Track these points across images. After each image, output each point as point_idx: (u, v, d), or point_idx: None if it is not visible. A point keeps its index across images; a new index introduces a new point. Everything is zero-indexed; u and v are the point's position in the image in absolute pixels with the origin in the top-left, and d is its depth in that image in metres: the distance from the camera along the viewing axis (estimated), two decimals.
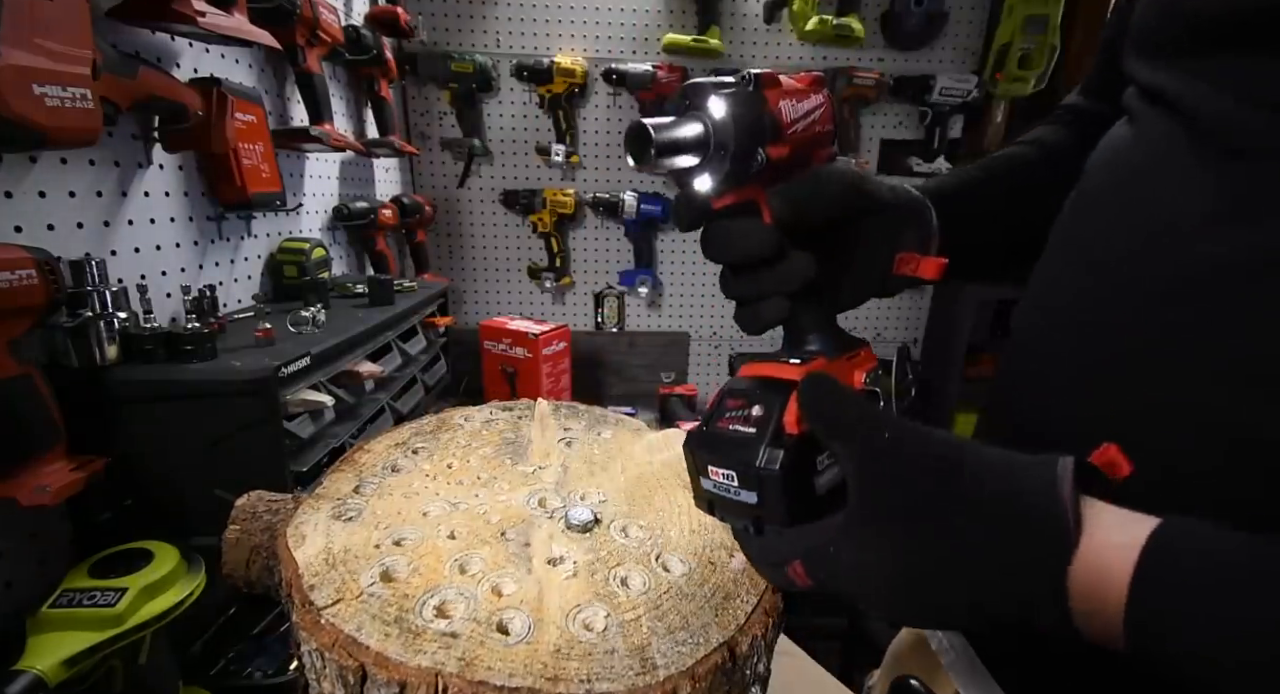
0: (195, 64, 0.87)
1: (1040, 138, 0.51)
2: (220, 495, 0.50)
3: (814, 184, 0.35)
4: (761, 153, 0.32)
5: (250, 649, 0.71)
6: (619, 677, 0.29)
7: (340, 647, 0.30)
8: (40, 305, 0.54)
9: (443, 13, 1.67)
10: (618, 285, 1.93)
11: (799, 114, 0.34)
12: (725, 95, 0.31)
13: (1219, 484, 0.29)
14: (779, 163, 0.33)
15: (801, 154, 0.34)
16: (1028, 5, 1.67)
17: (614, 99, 1.76)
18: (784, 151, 0.33)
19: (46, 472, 0.55)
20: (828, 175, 0.36)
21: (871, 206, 0.39)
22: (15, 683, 0.46)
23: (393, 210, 1.44)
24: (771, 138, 0.32)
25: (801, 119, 0.34)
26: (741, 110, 0.31)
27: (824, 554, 0.30)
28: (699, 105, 0.32)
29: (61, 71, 0.54)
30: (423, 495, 0.43)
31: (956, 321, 1.87)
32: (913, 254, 0.40)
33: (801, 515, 0.31)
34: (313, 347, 0.75)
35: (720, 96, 0.31)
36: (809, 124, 0.34)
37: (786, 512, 0.31)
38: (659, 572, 0.37)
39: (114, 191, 0.74)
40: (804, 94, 0.34)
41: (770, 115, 0.32)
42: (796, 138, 0.34)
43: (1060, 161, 0.46)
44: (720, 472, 0.33)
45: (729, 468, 0.32)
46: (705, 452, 0.33)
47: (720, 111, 0.31)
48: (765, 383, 0.35)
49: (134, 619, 0.53)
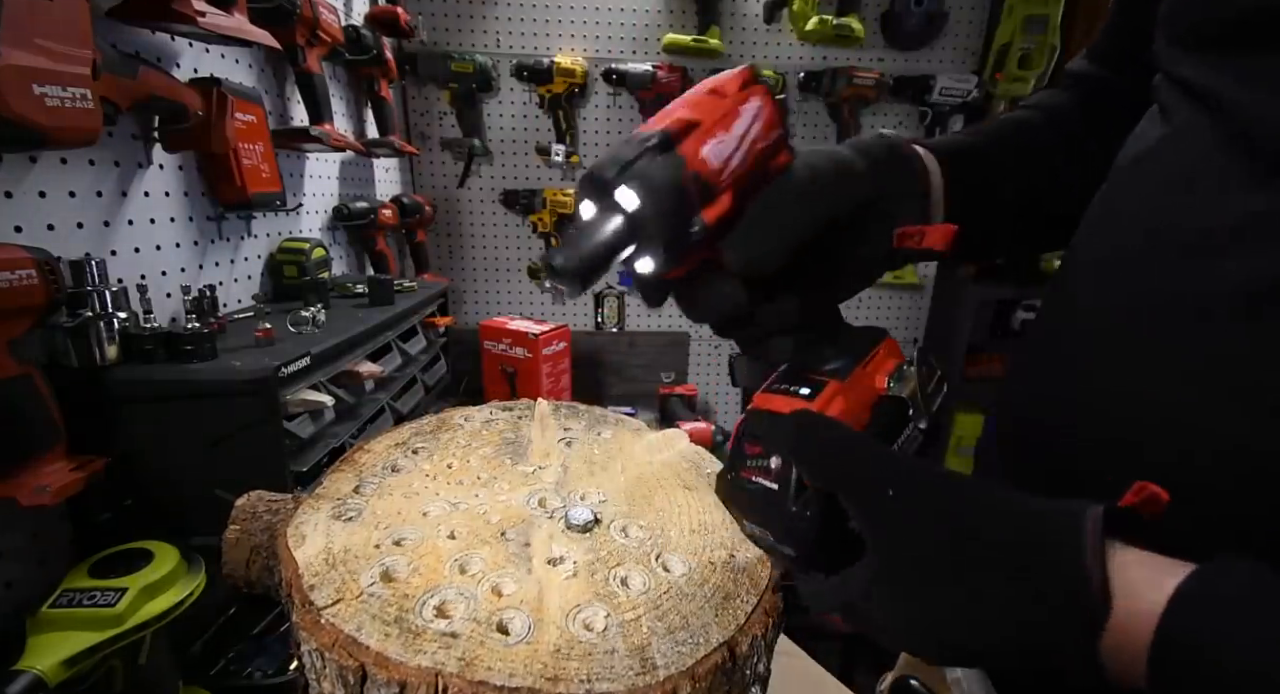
0: (195, 64, 0.87)
1: (1041, 102, 0.47)
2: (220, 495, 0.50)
3: (766, 221, 0.30)
4: (697, 221, 0.28)
5: (250, 649, 0.71)
6: (619, 677, 0.29)
7: (340, 647, 0.30)
8: (40, 305, 0.54)
9: (443, 13, 1.67)
10: (618, 285, 1.92)
11: (730, 148, 0.28)
12: (632, 179, 0.27)
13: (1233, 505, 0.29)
14: (724, 218, 0.29)
15: (751, 188, 0.30)
16: (1028, 5, 1.67)
17: (614, 99, 1.76)
18: (724, 206, 0.29)
19: (46, 472, 0.55)
20: (781, 200, 0.31)
21: (848, 199, 0.34)
22: (15, 683, 0.46)
23: (393, 210, 1.44)
24: (703, 200, 0.28)
25: (736, 151, 0.29)
26: (655, 189, 0.27)
27: (854, 607, 0.29)
28: (608, 198, 0.27)
29: (61, 71, 0.54)
30: (423, 495, 0.43)
31: (956, 322, 1.87)
32: (913, 226, 0.35)
33: (842, 560, 0.30)
34: (313, 346, 0.75)
35: (627, 182, 0.27)
36: (748, 150, 0.29)
37: (826, 564, 0.31)
38: (659, 572, 0.36)
39: (114, 191, 0.74)
40: (730, 115, 0.29)
41: (694, 175, 0.27)
42: (736, 178, 0.29)
43: (1063, 124, 0.44)
44: (754, 526, 0.33)
45: (762, 526, 0.32)
46: (736, 507, 0.34)
47: (631, 202, 0.27)
48: (777, 422, 0.33)
49: (134, 619, 0.53)
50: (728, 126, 0.28)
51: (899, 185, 0.36)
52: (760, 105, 0.29)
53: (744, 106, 0.29)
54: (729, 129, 0.28)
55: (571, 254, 0.27)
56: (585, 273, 0.27)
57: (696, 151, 0.27)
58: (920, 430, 0.34)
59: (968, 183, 0.39)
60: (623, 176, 0.27)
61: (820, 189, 0.32)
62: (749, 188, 0.30)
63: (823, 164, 0.33)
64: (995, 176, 0.42)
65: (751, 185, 0.30)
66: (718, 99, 0.29)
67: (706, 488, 0.45)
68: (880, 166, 0.35)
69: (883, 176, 0.35)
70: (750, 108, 0.29)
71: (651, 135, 0.27)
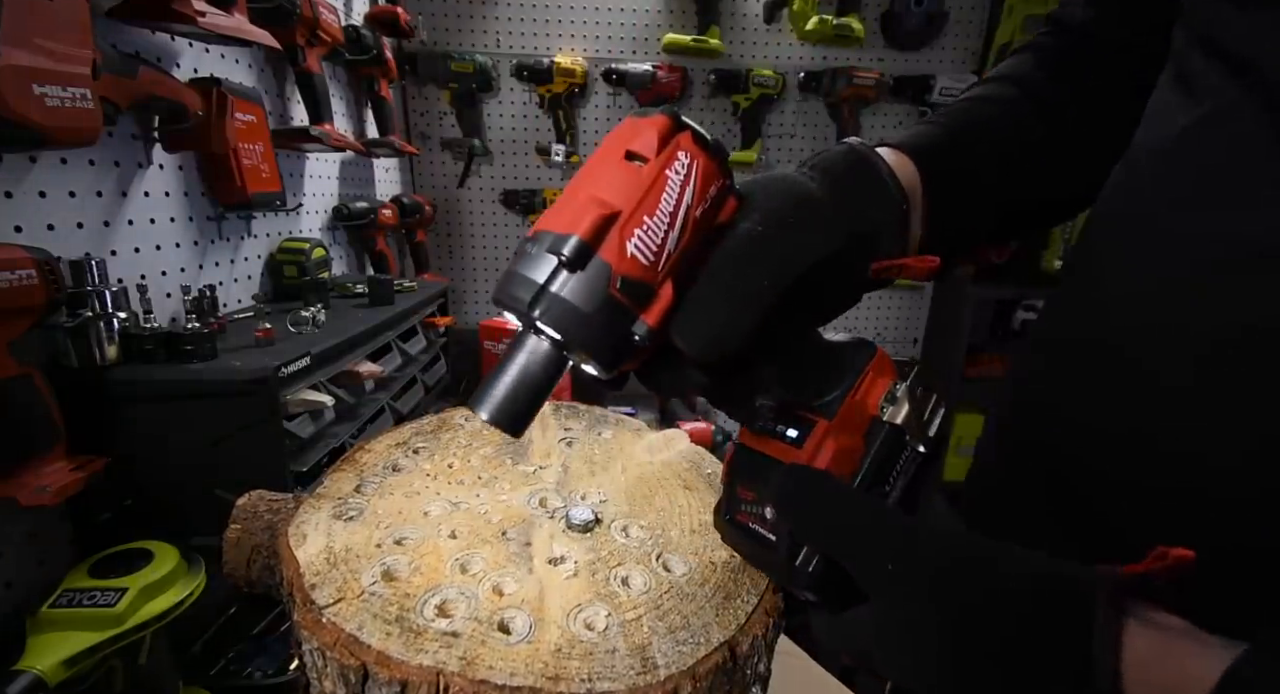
0: (195, 64, 0.87)
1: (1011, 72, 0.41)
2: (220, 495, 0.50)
3: (712, 302, 0.25)
4: (639, 328, 0.24)
5: (250, 649, 0.71)
6: (620, 676, 0.29)
7: (341, 646, 0.30)
8: (40, 305, 0.54)
9: (443, 13, 1.67)
10: None
11: (661, 232, 0.24)
12: (548, 314, 0.23)
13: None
14: (669, 310, 0.25)
15: (698, 259, 0.26)
16: (1028, 5, 1.67)
17: (614, 99, 1.76)
18: (666, 300, 0.24)
19: (47, 471, 0.55)
20: (730, 273, 0.25)
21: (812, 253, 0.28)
22: (15, 683, 0.46)
23: (393, 210, 1.44)
24: (640, 304, 0.24)
25: (669, 232, 0.24)
26: (580, 316, 0.23)
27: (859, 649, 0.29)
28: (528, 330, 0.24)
29: (61, 71, 0.54)
30: (424, 495, 0.43)
31: (956, 321, 1.87)
32: (891, 261, 0.31)
33: (850, 602, 0.29)
34: (313, 346, 0.75)
35: (543, 320, 0.23)
36: (683, 224, 0.24)
37: (834, 609, 0.30)
38: (660, 571, 0.36)
39: (114, 191, 0.74)
40: (655, 188, 0.23)
41: (623, 281, 0.23)
42: (674, 266, 0.24)
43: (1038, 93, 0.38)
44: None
45: (763, 571, 0.33)
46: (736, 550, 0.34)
47: (556, 333, 0.24)
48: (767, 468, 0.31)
49: (134, 619, 0.53)
50: (653, 206, 0.23)
51: (874, 214, 0.31)
52: (688, 161, 0.24)
53: (670, 170, 0.24)
54: (655, 208, 0.23)
55: (499, 402, 0.24)
56: (519, 418, 0.24)
57: (621, 251, 0.23)
58: (919, 453, 0.32)
59: (947, 186, 0.34)
60: (537, 310, 0.23)
61: (776, 249, 0.26)
62: (696, 260, 0.25)
63: (777, 209, 0.27)
64: (973, 172, 0.37)
65: (699, 256, 0.26)
66: (635, 170, 0.24)
67: (707, 488, 0.45)
68: (849, 194, 0.30)
69: (854, 208, 0.30)
70: (678, 169, 0.24)
71: (563, 244, 0.23)
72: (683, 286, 0.25)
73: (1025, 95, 0.39)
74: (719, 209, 0.26)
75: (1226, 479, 0.28)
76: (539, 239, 0.24)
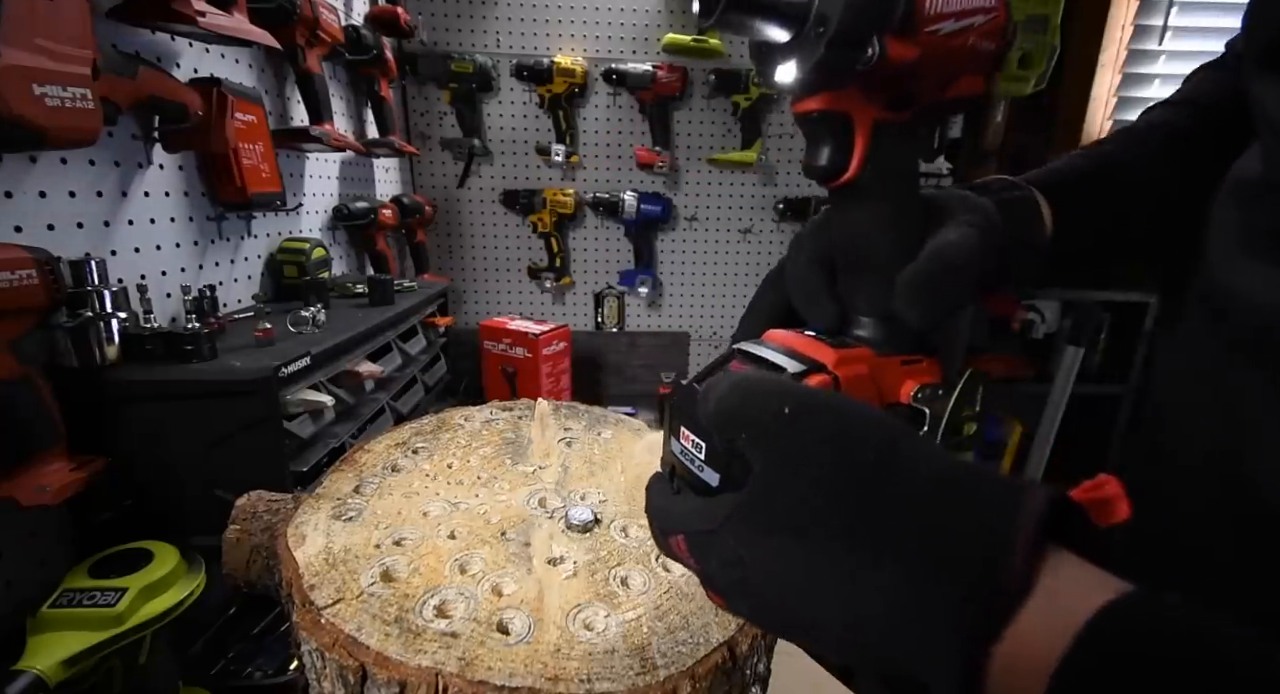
0: (195, 64, 0.87)
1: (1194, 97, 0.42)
2: (220, 495, 0.50)
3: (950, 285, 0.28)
4: (875, 43, 0.23)
5: (250, 649, 0.70)
6: (619, 676, 0.29)
7: (340, 646, 0.30)
8: (40, 305, 0.54)
9: (443, 13, 1.67)
10: (618, 285, 1.93)
11: (950, 7, 0.24)
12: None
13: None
14: (898, 66, 0.23)
15: (935, 70, 0.25)
16: (1028, 5, 1.67)
17: (614, 99, 1.76)
18: (909, 53, 0.23)
19: (47, 472, 0.55)
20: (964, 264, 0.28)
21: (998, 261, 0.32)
22: (15, 683, 0.46)
23: (393, 210, 1.44)
24: (897, 27, 0.23)
25: (952, 16, 0.24)
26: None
27: (697, 541, 0.24)
28: None
29: (61, 71, 0.54)
30: (423, 495, 0.43)
31: (957, 321, 1.86)
32: (1004, 301, 0.32)
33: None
34: (313, 347, 0.75)
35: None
36: (962, 28, 0.24)
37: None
38: (659, 571, 0.36)
39: (114, 191, 0.74)
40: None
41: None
42: (935, 41, 0.24)
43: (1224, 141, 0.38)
44: (692, 437, 0.27)
45: (701, 438, 0.26)
46: (683, 415, 0.27)
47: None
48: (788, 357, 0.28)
49: (134, 619, 0.53)
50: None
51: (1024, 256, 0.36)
52: (995, 5, 0.26)
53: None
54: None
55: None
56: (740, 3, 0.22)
57: None
58: None
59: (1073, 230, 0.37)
60: None
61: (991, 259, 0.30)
62: (935, 71, 0.25)
63: (991, 223, 0.31)
64: (1101, 213, 0.39)
65: (937, 74, 0.25)
66: None
67: None
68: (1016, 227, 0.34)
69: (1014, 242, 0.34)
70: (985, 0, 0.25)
71: None
72: (920, 76, 0.25)
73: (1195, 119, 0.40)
74: (977, 69, 0.27)
75: None
76: None
